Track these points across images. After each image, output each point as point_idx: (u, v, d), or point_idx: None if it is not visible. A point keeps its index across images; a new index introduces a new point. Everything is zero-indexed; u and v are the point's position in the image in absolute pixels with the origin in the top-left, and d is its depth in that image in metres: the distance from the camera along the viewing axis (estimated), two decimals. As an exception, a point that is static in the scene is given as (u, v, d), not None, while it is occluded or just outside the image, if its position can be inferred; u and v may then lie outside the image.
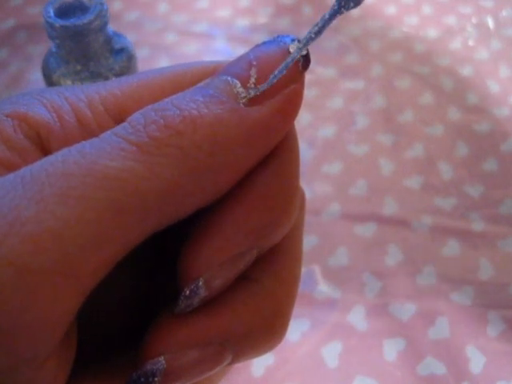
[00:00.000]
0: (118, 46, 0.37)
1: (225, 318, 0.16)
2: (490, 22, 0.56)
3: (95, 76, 0.36)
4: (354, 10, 0.16)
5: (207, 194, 0.15)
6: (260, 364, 0.35)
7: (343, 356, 0.36)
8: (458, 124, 0.48)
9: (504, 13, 0.57)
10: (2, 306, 0.13)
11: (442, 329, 0.37)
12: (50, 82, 0.37)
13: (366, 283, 0.39)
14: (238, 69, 0.15)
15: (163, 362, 0.15)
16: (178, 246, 0.16)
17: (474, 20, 0.56)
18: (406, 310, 0.38)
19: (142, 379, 0.15)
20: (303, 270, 0.19)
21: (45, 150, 0.15)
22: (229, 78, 0.15)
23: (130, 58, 0.38)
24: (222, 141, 0.14)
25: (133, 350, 0.16)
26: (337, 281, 0.39)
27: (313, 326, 0.37)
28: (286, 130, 0.16)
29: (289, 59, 0.15)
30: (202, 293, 0.16)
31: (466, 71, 0.52)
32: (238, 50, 0.52)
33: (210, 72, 0.17)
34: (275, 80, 0.15)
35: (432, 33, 0.55)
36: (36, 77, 0.50)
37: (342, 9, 0.16)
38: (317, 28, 0.16)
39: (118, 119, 0.16)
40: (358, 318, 0.37)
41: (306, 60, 0.16)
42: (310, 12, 0.57)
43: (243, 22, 0.56)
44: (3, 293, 0.12)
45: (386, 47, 0.54)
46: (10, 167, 0.15)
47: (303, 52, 0.16)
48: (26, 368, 0.13)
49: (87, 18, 0.34)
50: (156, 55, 0.53)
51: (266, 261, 0.17)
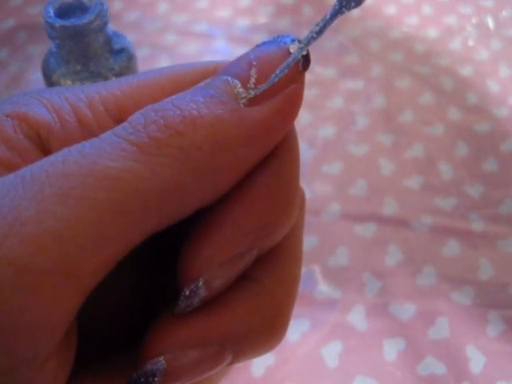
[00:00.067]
0: (117, 46, 0.37)
1: (225, 318, 0.16)
2: (490, 22, 0.56)
3: (95, 76, 0.36)
4: (355, 9, 0.16)
5: (207, 194, 0.15)
6: (260, 364, 0.35)
7: (343, 356, 0.36)
8: (457, 124, 0.48)
9: (504, 13, 0.57)
10: (2, 305, 0.13)
11: (442, 329, 0.37)
12: (49, 82, 0.37)
13: (366, 283, 0.39)
14: (238, 69, 0.15)
15: (163, 362, 0.15)
16: (178, 245, 0.16)
17: (473, 20, 0.56)
18: (406, 310, 0.38)
19: (142, 379, 0.15)
20: (303, 270, 0.19)
21: (45, 150, 0.15)
22: (229, 78, 0.15)
23: (130, 58, 0.38)
24: (222, 141, 0.14)
25: (133, 350, 0.16)
26: (337, 281, 0.39)
27: (313, 326, 0.37)
28: (286, 130, 0.16)
29: (290, 59, 0.15)
30: (202, 293, 0.16)
31: (465, 71, 0.52)
32: (238, 50, 0.52)
33: (210, 72, 0.17)
34: (276, 79, 0.15)
35: (432, 33, 0.55)
36: (36, 77, 0.49)
37: (344, 8, 0.16)
38: (318, 28, 0.16)
39: (118, 119, 0.16)
40: (358, 317, 0.37)
41: (307, 60, 0.16)
42: (310, 12, 0.57)
43: (243, 22, 0.56)
44: (3, 293, 0.12)
45: (385, 47, 0.54)
46: (10, 167, 0.15)
47: (303, 52, 0.16)
48: (25, 368, 0.13)
49: (87, 18, 0.34)
50: (156, 55, 0.53)
51: (266, 261, 0.17)
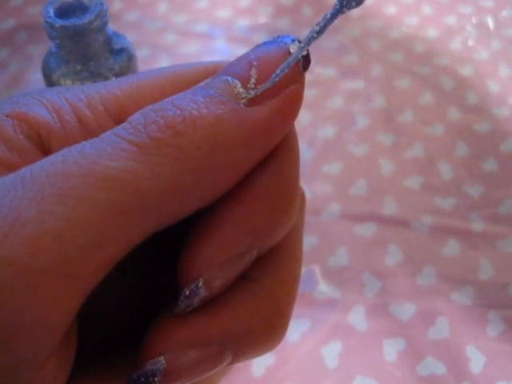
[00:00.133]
0: (117, 46, 0.37)
1: (225, 318, 0.16)
2: (490, 22, 0.56)
3: (95, 76, 0.36)
4: (355, 9, 0.16)
5: (207, 194, 0.15)
6: (260, 364, 0.35)
7: (343, 356, 0.36)
8: (458, 124, 0.48)
9: (504, 13, 0.57)
10: (2, 306, 0.13)
11: (442, 329, 0.37)
12: (49, 82, 0.37)
13: (366, 283, 0.39)
14: (238, 69, 0.15)
15: (163, 362, 0.15)
16: (178, 245, 0.16)
17: (474, 20, 0.56)
18: (406, 310, 0.38)
19: (142, 379, 0.15)
20: (303, 270, 0.19)
21: (45, 150, 0.15)
22: (229, 78, 0.15)
23: (130, 58, 0.38)
24: (222, 141, 0.14)
25: (133, 350, 0.16)
26: (337, 281, 0.39)
27: (313, 326, 0.37)
28: (286, 130, 0.16)
29: (291, 58, 0.15)
30: (202, 293, 0.16)
31: (465, 71, 0.52)
32: (238, 50, 0.52)
33: (210, 72, 0.17)
34: (277, 79, 0.15)
35: (432, 33, 0.55)
36: (36, 77, 0.49)
37: (344, 8, 0.15)
38: (318, 27, 0.16)
39: (118, 119, 0.16)
40: (357, 318, 0.37)
41: (307, 60, 0.16)
42: (310, 12, 0.57)
43: (243, 22, 0.56)
44: (3, 293, 0.12)
45: (385, 47, 0.54)
46: (10, 167, 0.15)
47: (304, 52, 0.16)
48: (25, 368, 0.13)
49: (87, 18, 0.34)
50: (156, 55, 0.53)
51: (266, 261, 0.17)
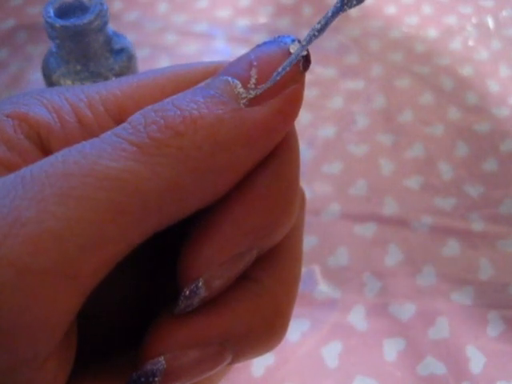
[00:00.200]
0: (117, 46, 0.37)
1: (225, 318, 0.16)
2: (490, 22, 0.56)
3: (95, 76, 0.36)
4: (354, 10, 0.16)
5: (207, 194, 0.15)
6: (260, 364, 0.35)
7: (343, 356, 0.36)
8: (458, 124, 0.48)
9: (504, 13, 0.57)
10: (2, 306, 0.13)
11: (442, 329, 0.37)
12: (49, 82, 0.37)
13: (366, 283, 0.39)
14: (238, 69, 0.15)
15: (163, 362, 0.15)
16: (178, 245, 0.16)
17: (474, 20, 0.56)
18: (406, 310, 0.38)
19: (142, 379, 0.15)
20: (303, 270, 0.19)
21: (45, 151, 0.15)
22: (229, 78, 0.15)
23: (130, 58, 0.38)
24: (223, 141, 0.14)
25: (133, 350, 0.16)
26: (337, 281, 0.39)
27: (313, 326, 0.37)
28: (287, 130, 0.16)
29: (292, 57, 0.15)
30: (202, 293, 0.16)
31: (465, 71, 0.52)
32: (238, 50, 0.52)
33: (210, 72, 0.17)
34: (278, 78, 0.15)
35: (432, 33, 0.55)
36: (36, 77, 0.49)
37: (345, 6, 0.15)
38: (319, 26, 0.16)
39: (119, 119, 0.16)
40: (357, 318, 0.37)
41: (307, 60, 0.16)
42: (310, 12, 0.57)
43: (243, 22, 0.56)
44: (3, 293, 0.12)
45: (386, 47, 0.54)
46: (10, 167, 0.15)
47: (304, 52, 0.16)
48: (26, 368, 0.13)
49: (87, 18, 0.34)
50: (156, 55, 0.53)
51: (266, 261, 0.17)
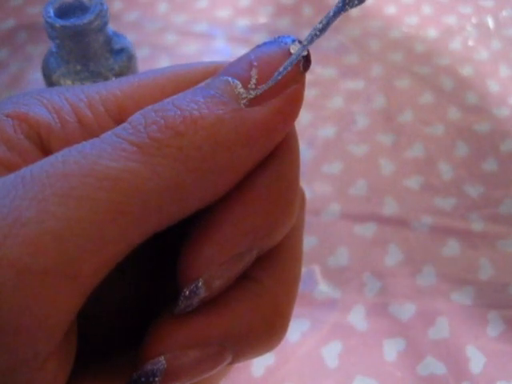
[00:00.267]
0: (117, 46, 0.37)
1: (225, 318, 0.16)
2: (490, 22, 0.56)
3: (95, 76, 0.36)
4: (355, 10, 0.16)
5: (207, 194, 0.15)
6: (260, 364, 0.35)
7: (343, 356, 0.36)
8: (457, 124, 0.48)
9: (504, 13, 0.57)
10: (2, 306, 0.13)
11: (442, 329, 0.37)
12: (49, 82, 0.37)
13: (366, 283, 0.39)
14: (238, 69, 0.15)
15: (163, 361, 0.15)
16: (178, 245, 0.16)
17: (473, 20, 0.56)
18: (406, 310, 0.38)
19: (143, 379, 0.15)
20: (303, 270, 0.19)
21: (45, 151, 0.15)
22: (230, 78, 0.15)
23: (130, 58, 0.38)
24: (223, 141, 0.14)
25: (133, 350, 0.16)
26: (337, 281, 0.39)
27: (313, 326, 0.37)
28: (287, 130, 0.16)
29: (293, 56, 0.15)
30: (202, 293, 0.16)
31: (465, 71, 0.52)
32: (238, 50, 0.52)
33: (210, 72, 0.17)
34: (279, 77, 0.15)
35: (432, 33, 0.55)
36: (36, 77, 0.49)
37: (347, 6, 0.15)
38: (321, 25, 0.16)
39: (119, 119, 0.16)
40: (357, 318, 0.37)
41: (307, 61, 0.16)
42: (310, 12, 0.57)
43: (243, 22, 0.56)
44: (3, 293, 0.12)
45: (386, 47, 0.54)
46: (10, 167, 0.15)
47: (304, 52, 0.16)
48: (26, 368, 0.13)
49: (87, 18, 0.34)
50: (156, 55, 0.53)
51: (266, 261, 0.17)
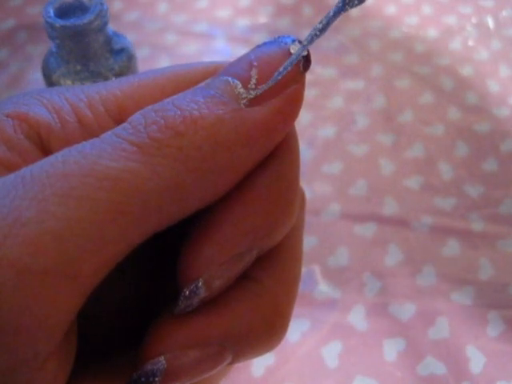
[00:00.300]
0: (117, 46, 0.37)
1: (225, 318, 0.16)
2: (490, 22, 0.56)
3: (95, 76, 0.36)
4: (355, 10, 0.16)
5: (207, 194, 0.15)
6: (260, 364, 0.35)
7: (343, 356, 0.36)
8: (457, 124, 0.48)
9: (504, 13, 0.57)
10: (2, 306, 0.13)
11: (442, 329, 0.37)
12: (49, 82, 0.37)
13: (366, 283, 0.39)
14: (238, 69, 0.15)
15: (163, 361, 0.15)
16: (178, 245, 0.16)
17: (473, 20, 0.56)
18: (406, 310, 0.38)
19: (143, 379, 0.15)
20: (303, 270, 0.19)
21: (45, 151, 0.15)
22: (230, 78, 0.15)
23: (130, 58, 0.38)
24: (223, 141, 0.14)
25: (133, 350, 0.16)
26: (337, 281, 0.39)
27: (313, 326, 0.37)
28: (287, 130, 0.16)
29: (293, 56, 0.15)
30: (202, 293, 0.16)
31: (465, 71, 0.52)
32: (238, 50, 0.52)
33: (210, 72, 0.17)
34: (280, 77, 0.15)
35: (432, 33, 0.55)
36: (36, 77, 0.49)
37: (347, 6, 0.15)
38: (321, 25, 0.16)
39: (118, 119, 0.16)
40: (357, 318, 0.37)
41: (307, 61, 0.16)
42: (310, 12, 0.57)
43: (243, 22, 0.56)
44: (3, 293, 0.12)
45: (386, 47, 0.54)
46: (10, 167, 0.15)
47: (304, 52, 0.16)
48: (26, 368, 0.13)
49: (87, 18, 0.34)
50: (156, 55, 0.53)
51: (266, 261, 0.17)
